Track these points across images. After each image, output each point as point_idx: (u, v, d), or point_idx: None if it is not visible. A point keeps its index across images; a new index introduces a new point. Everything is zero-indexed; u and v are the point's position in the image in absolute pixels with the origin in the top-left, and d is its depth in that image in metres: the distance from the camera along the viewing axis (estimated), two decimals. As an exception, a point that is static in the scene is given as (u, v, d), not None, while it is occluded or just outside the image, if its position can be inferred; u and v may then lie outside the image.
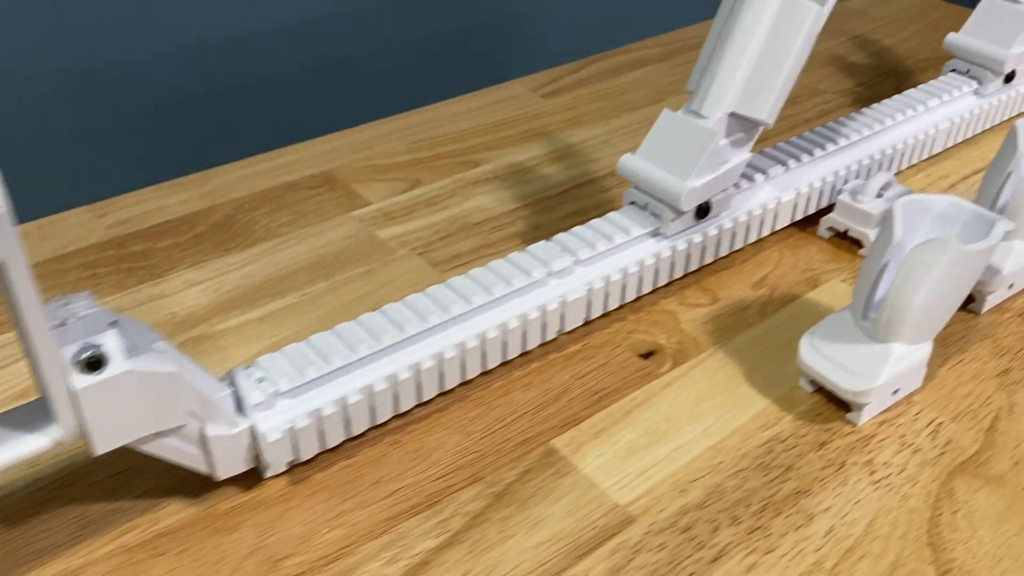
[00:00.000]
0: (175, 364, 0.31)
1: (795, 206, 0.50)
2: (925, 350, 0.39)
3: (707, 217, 0.46)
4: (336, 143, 0.60)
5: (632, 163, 0.45)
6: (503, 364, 0.42)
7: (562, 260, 0.42)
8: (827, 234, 0.51)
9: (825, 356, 0.39)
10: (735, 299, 0.46)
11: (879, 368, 0.37)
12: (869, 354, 0.38)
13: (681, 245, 0.45)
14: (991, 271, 0.44)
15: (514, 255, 0.42)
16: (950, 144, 0.59)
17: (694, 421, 0.39)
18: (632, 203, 0.46)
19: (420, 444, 0.38)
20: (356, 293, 0.46)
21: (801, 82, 0.69)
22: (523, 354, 0.42)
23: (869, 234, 0.49)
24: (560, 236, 0.43)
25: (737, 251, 0.50)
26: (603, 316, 0.45)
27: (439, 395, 0.40)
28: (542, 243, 0.43)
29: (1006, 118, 0.62)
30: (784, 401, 0.40)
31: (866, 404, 0.38)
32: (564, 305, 0.41)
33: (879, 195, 0.50)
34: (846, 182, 0.52)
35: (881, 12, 0.83)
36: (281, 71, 0.79)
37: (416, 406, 0.39)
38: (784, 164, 0.50)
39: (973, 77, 0.59)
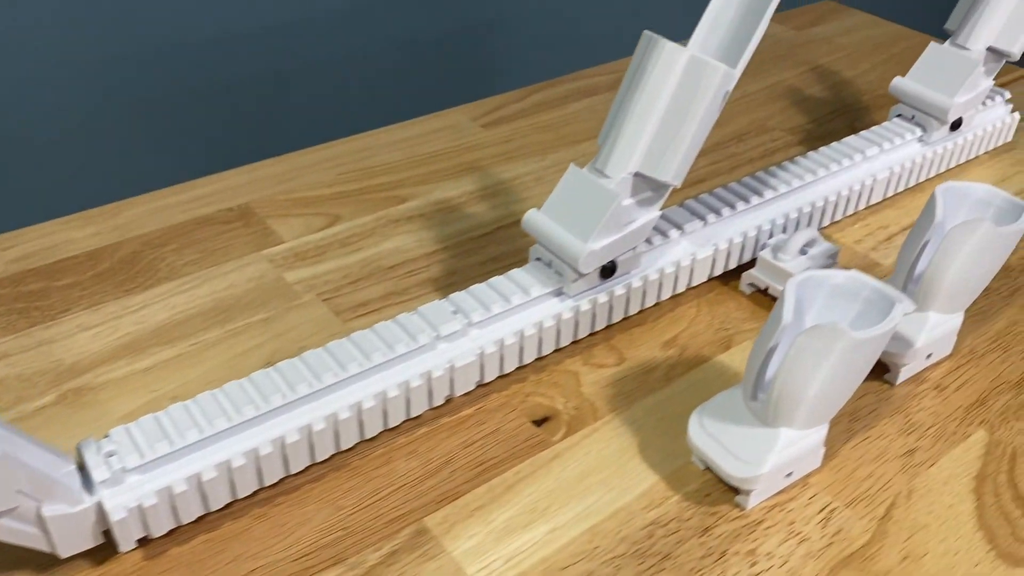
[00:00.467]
0: (1, 447, 0.29)
1: (713, 262, 0.48)
2: (819, 433, 0.37)
3: (613, 276, 0.44)
4: (258, 173, 0.59)
5: (536, 220, 0.43)
6: (389, 429, 0.40)
7: (453, 323, 0.40)
8: (748, 290, 0.49)
9: (712, 437, 0.37)
10: (642, 360, 0.45)
11: (765, 455, 0.36)
12: (756, 438, 0.36)
13: (584, 306, 0.43)
14: (904, 343, 0.42)
15: (403, 317, 0.40)
16: (891, 193, 0.57)
17: (577, 499, 0.38)
18: (538, 259, 0.44)
19: (287, 518, 0.36)
20: (248, 344, 0.45)
21: (751, 117, 0.67)
22: (412, 418, 0.41)
23: (789, 294, 0.47)
24: (456, 295, 0.42)
25: (652, 307, 0.48)
26: (502, 377, 0.43)
27: (315, 464, 0.38)
28: (435, 303, 0.41)
29: (952, 166, 0.60)
30: (674, 478, 0.39)
31: (752, 490, 0.36)
32: (452, 371, 0.40)
33: (803, 252, 0.48)
34: (771, 236, 0.50)
35: (846, 41, 0.81)
36: (206, 94, 0.77)
37: (286, 477, 0.38)
38: (703, 219, 0.48)
39: (918, 124, 0.57)
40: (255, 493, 0.37)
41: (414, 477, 0.38)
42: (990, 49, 0.56)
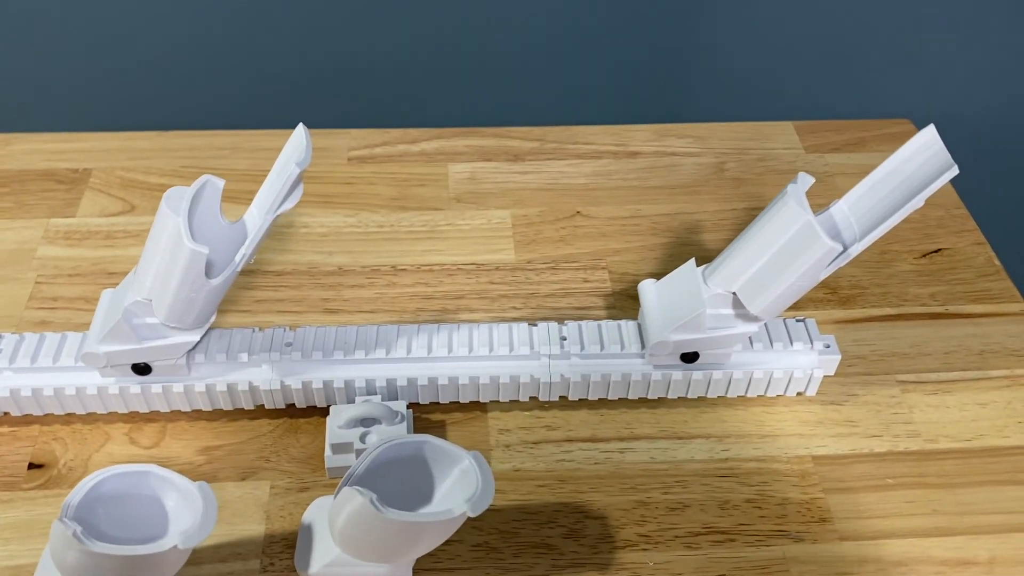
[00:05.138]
0: None
1: (293, 394, 0.49)
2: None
3: (148, 375, 0.47)
4: (130, 144, 0.67)
5: (101, 298, 0.48)
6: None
7: (-12, 360, 0.47)
8: (329, 433, 0.50)
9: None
10: (169, 455, 0.49)
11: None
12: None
13: (113, 389, 0.48)
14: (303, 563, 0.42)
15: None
16: (578, 396, 0.51)
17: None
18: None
19: None
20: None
21: (595, 246, 0.61)
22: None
23: (327, 457, 0.47)
24: (12, 336, 0.48)
25: (242, 410, 0.50)
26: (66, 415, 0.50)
27: None
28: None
29: (695, 396, 0.51)
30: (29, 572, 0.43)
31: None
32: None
33: (367, 424, 0.47)
34: (375, 394, 0.49)
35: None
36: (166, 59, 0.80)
37: None
38: (289, 353, 0.48)
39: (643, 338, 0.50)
40: None
41: (-94, 464, 0.48)
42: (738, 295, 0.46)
